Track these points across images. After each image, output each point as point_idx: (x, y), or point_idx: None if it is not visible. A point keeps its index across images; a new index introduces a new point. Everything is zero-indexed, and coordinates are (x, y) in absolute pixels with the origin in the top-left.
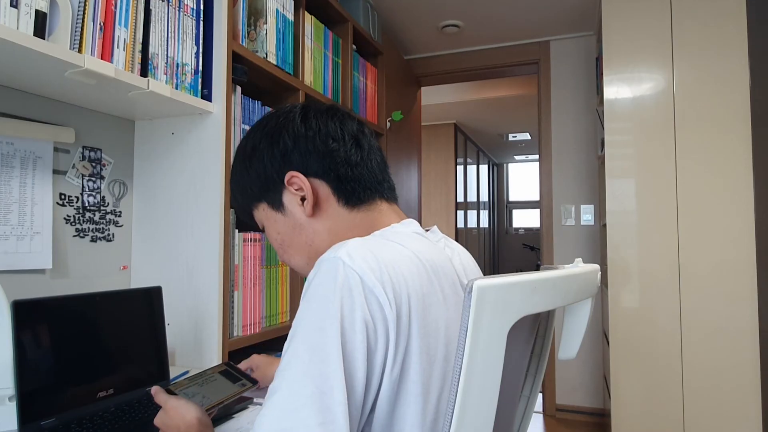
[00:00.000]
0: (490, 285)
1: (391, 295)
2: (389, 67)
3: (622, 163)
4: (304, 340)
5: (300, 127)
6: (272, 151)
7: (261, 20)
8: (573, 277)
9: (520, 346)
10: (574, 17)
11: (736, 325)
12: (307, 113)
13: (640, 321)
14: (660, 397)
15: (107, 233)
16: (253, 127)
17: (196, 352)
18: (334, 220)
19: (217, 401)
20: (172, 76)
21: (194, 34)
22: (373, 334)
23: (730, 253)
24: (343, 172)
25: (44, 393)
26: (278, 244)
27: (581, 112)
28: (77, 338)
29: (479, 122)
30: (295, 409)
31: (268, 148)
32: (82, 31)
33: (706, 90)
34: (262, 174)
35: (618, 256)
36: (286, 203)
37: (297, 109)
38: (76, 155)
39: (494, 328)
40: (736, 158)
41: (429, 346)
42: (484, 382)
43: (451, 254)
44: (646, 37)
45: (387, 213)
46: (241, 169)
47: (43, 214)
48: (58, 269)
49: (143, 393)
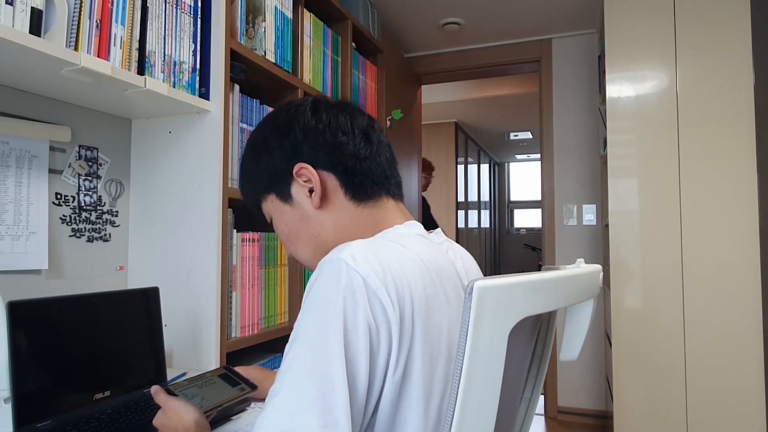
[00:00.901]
0: (490, 285)
1: (395, 297)
2: (389, 66)
3: (624, 162)
4: (306, 342)
5: (311, 120)
6: (282, 142)
7: (259, 18)
8: (575, 277)
9: (521, 347)
10: (577, 15)
11: (741, 327)
12: (318, 106)
13: (642, 322)
14: (663, 400)
15: (104, 233)
16: (264, 119)
17: (193, 353)
18: (341, 213)
19: (215, 404)
20: (170, 74)
21: (192, 32)
22: (376, 336)
23: (734, 254)
24: (352, 166)
25: (40, 395)
26: (285, 236)
27: (583, 111)
28: (73, 339)
29: (480, 121)
30: (297, 411)
31: (278, 140)
32: (78, 29)
33: (710, 88)
34: (271, 166)
35: (620, 256)
36: (295, 195)
37: (308, 102)
38: (73, 154)
39: (495, 330)
40: (740, 158)
41: (432, 348)
42: (485, 384)
43: (454, 257)
44: (649, 34)
45: (393, 212)
46: (251, 161)
47: (38, 213)
48: (54, 270)
49: (140, 395)
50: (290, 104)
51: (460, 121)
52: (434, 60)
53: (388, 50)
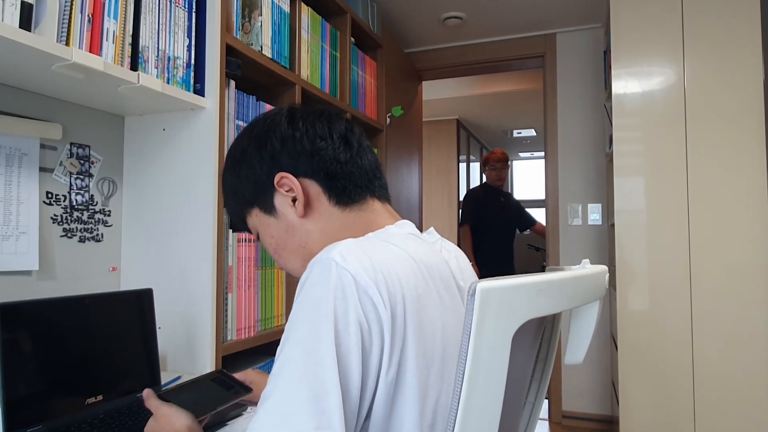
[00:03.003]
0: (493, 287)
1: (386, 295)
2: (389, 61)
3: (631, 160)
4: (298, 343)
5: (287, 129)
6: (261, 154)
7: (256, 12)
8: (580, 278)
9: (524, 350)
10: (582, 9)
11: (751, 331)
12: (294, 115)
13: (649, 325)
14: (670, 404)
15: (96, 233)
16: (241, 132)
17: (188, 357)
18: (327, 220)
19: (209, 409)
20: (164, 70)
21: (186, 27)
22: (368, 335)
23: (745, 255)
24: (333, 170)
25: (30, 399)
26: (273, 249)
27: (588, 108)
28: (65, 342)
29: (482, 118)
30: (290, 413)
31: (256, 152)
32: (69, 23)
33: (719, 84)
34: (252, 178)
35: (627, 257)
36: (278, 206)
37: (284, 112)
38: (64, 152)
39: (498, 332)
40: (750, 155)
41: (425, 348)
42: (488, 387)
43: (448, 256)
44: (656, 29)
45: (381, 213)
46: (232, 175)
47: (29, 213)
48: (45, 271)
49: (133, 399)
50: (266, 115)
51: (461, 118)
52: (435, 55)
53: (388, 45)
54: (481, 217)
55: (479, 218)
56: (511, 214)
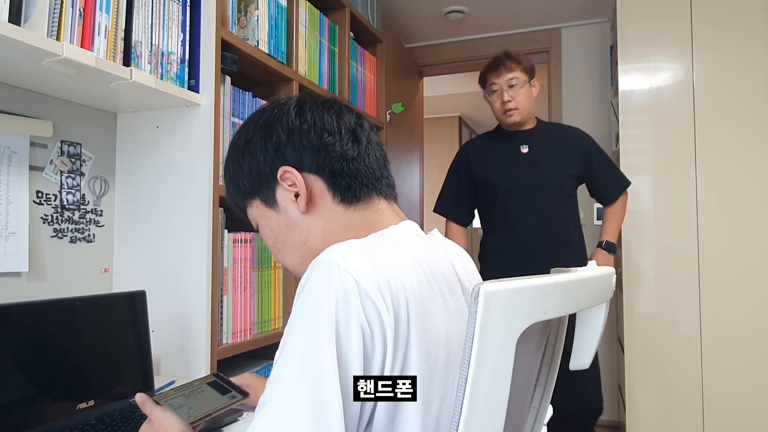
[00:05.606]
0: (497, 290)
1: (389, 299)
2: (389, 57)
3: (638, 158)
4: (297, 347)
5: (294, 120)
6: (265, 145)
7: (252, 6)
8: (586, 281)
9: (529, 354)
10: (587, 3)
11: (761, 333)
12: (303, 106)
13: (657, 327)
14: (678, 409)
15: (87, 234)
16: (247, 120)
17: (182, 360)
18: (329, 217)
19: (204, 413)
20: (157, 66)
21: (180, 21)
22: (370, 340)
23: (754, 255)
24: (339, 168)
25: (20, 405)
26: (272, 243)
27: (594, 104)
28: (55, 346)
29: (485, 115)
30: (289, 420)
31: (261, 142)
32: (60, 18)
33: (728, 81)
34: (254, 169)
35: (633, 258)
36: (280, 200)
37: (293, 102)
38: (54, 150)
39: (502, 336)
40: (761, 155)
41: (429, 353)
42: (492, 393)
43: (453, 258)
44: (664, 24)
45: (385, 212)
46: (234, 164)
47: (18, 213)
48: (35, 272)
49: (126, 405)
50: (275, 103)
51: (463, 115)
52: (437, 50)
53: (388, 40)
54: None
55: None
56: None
